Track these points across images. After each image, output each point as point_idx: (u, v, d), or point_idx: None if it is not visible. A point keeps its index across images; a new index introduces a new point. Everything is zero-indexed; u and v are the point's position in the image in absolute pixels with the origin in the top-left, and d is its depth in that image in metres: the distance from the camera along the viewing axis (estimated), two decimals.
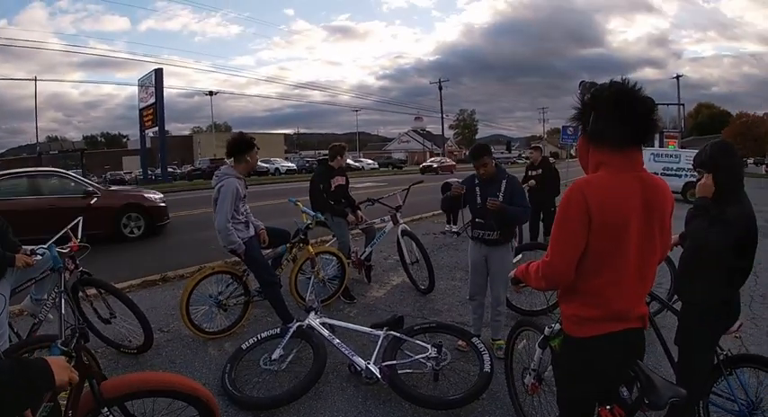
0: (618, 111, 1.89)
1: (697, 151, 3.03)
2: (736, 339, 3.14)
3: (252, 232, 4.77)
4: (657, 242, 2.01)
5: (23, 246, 3.82)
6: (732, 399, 2.96)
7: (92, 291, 4.46)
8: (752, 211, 2.83)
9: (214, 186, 4.56)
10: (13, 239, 3.79)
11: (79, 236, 4.20)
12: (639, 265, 1.97)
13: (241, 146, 4.62)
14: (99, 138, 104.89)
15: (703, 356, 2.94)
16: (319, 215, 5.50)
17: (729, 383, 2.96)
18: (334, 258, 5.80)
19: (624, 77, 1.94)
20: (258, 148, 4.73)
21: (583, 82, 2.03)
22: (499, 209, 4.12)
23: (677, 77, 54.09)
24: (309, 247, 5.28)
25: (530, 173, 9.08)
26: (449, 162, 47.52)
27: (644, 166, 2.01)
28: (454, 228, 9.80)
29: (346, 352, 3.80)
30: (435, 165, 43.91)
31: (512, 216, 4.21)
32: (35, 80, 52.32)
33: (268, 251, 5.20)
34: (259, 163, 4.64)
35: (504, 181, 4.25)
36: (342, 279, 5.76)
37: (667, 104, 41.28)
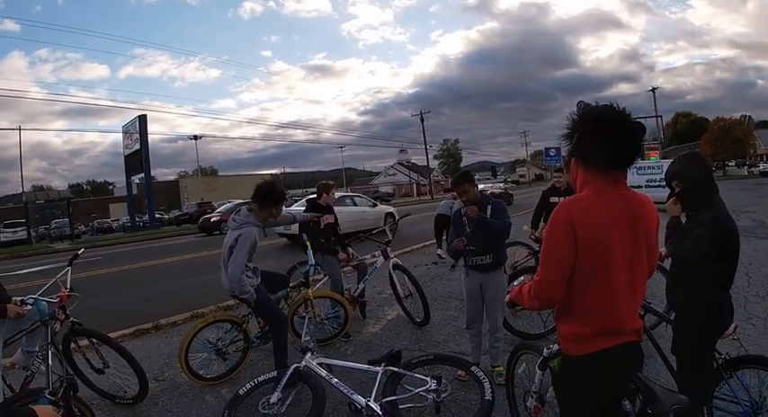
0: (599, 134, 1.95)
1: None
2: (734, 341, 3.15)
3: (258, 278, 4.66)
4: (644, 257, 2.04)
5: (13, 298, 3.78)
6: (735, 401, 2.97)
7: (83, 341, 4.40)
8: (726, 214, 2.93)
9: (231, 230, 4.48)
10: (2, 290, 3.76)
11: (68, 286, 4.16)
12: (629, 280, 2.00)
13: (273, 196, 4.55)
14: (85, 186, 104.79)
15: (702, 361, 2.96)
16: (315, 265, 5.45)
17: (731, 385, 2.98)
18: (334, 301, 5.74)
19: (615, 102, 1.99)
20: (286, 201, 4.61)
21: (580, 102, 2.10)
22: (477, 217, 4.18)
23: (653, 90, 55.54)
24: (309, 291, 5.23)
25: (552, 199, 7.42)
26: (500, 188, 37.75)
27: (627, 181, 2.06)
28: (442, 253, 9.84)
29: (345, 391, 3.75)
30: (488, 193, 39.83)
31: (490, 225, 4.23)
32: (19, 129, 52.23)
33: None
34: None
35: (490, 206, 4.31)
36: (344, 321, 5.68)
37: (645, 117, 41.96)
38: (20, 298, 3.80)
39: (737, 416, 2.98)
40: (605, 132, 1.94)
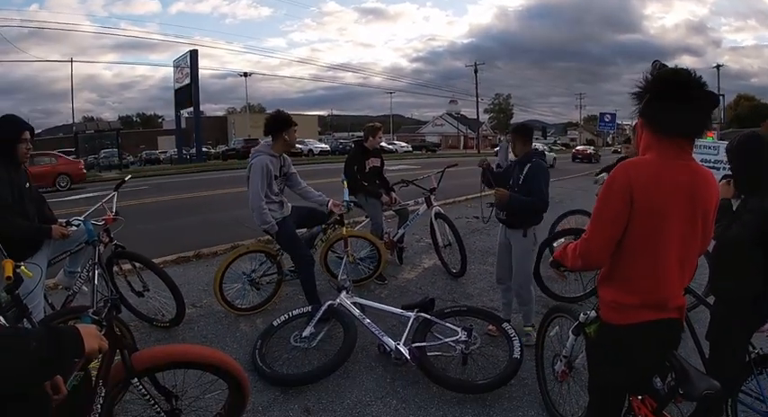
0: (673, 98, 1.84)
1: None
2: (767, 338, 3.04)
3: (287, 211, 4.71)
4: (699, 233, 1.96)
5: (59, 220, 3.88)
6: (761, 399, 2.88)
7: (126, 265, 4.52)
8: None
9: (248, 163, 4.57)
10: (48, 212, 3.85)
11: (114, 210, 4.25)
12: (680, 255, 1.93)
13: (278, 123, 4.55)
14: (134, 119, 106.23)
15: (735, 352, 2.86)
16: (348, 202, 5.39)
17: (759, 382, 2.88)
18: (369, 242, 5.76)
19: (691, 68, 1.88)
20: (296, 126, 4.67)
21: (656, 61, 1.98)
22: (503, 200, 4.11)
23: (717, 67, 52.91)
24: (344, 229, 5.26)
25: None
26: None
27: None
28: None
29: (376, 332, 3.80)
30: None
31: (518, 205, 4.12)
32: (71, 61, 53.52)
33: (303, 231, 5.20)
34: None
35: (528, 165, 4.15)
36: (378, 263, 5.70)
37: None
38: (65, 220, 3.88)
39: (761, 414, 2.89)
40: (679, 96, 1.83)
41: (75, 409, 2.01)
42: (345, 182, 5.65)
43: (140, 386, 2.37)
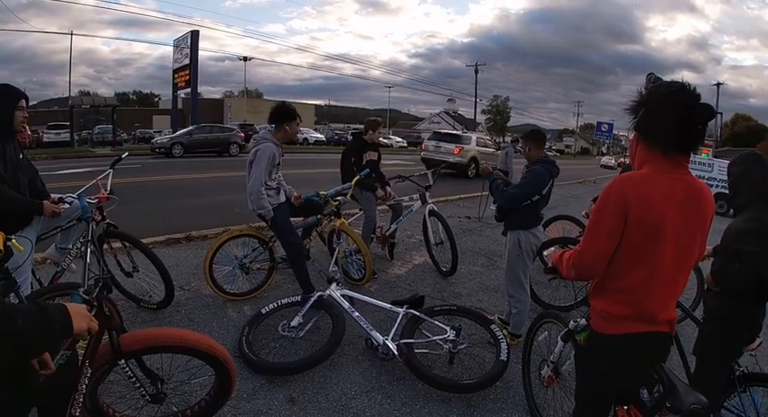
0: (668, 112, 1.84)
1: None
2: (751, 356, 3.07)
3: (282, 198, 4.75)
4: (695, 247, 1.97)
5: (52, 194, 3.84)
6: (743, 416, 2.91)
7: (116, 244, 4.49)
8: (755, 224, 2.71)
9: (251, 149, 4.57)
10: (41, 187, 3.81)
11: (108, 188, 4.21)
12: (674, 268, 1.94)
13: (283, 114, 4.63)
14: (131, 96, 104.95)
15: (720, 369, 2.89)
16: (330, 195, 5.44)
17: (742, 400, 2.90)
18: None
19: (687, 82, 1.87)
20: (300, 120, 4.76)
21: (651, 74, 1.98)
22: (486, 174, 4.40)
23: (717, 84, 53.20)
24: (340, 221, 5.24)
25: None
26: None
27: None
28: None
29: (364, 326, 3.79)
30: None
31: (492, 187, 4.30)
32: (71, 34, 52.78)
33: (299, 220, 5.20)
34: None
35: (529, 169, 4.18)
36: (364, 268, 5.52)
37: None
38: (59, 196, 3.83)
39: None
40: (675, 110, 1.82)
41: (59, 387, 1.99)
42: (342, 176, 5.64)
43: (127, 368, 2.35)
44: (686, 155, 1.93)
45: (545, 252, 5.25)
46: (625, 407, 2.09)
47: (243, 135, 27.45)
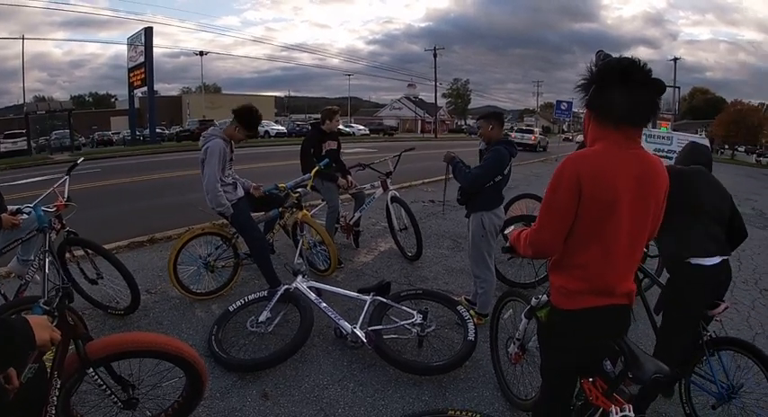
0: (618, 87, 1.85)
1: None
2: (716, 322, 3.17)
3: (240, 193, 4.70)
4: (649, 219, 2.00)
5: (9, 206, 3.77)
6: (712, 381, 3.00)
7: (79, 252, 4.43)
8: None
9: (201, 147, 4.50)
10: (0, 199, 3.74)
11: (66, 195, 4.15)
12: (630, 241, 1.97)
13: (247, 118, 4.53)
14: (87, 98, 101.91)
15: (684, 332, 2.99)
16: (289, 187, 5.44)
17: (711, 364, 2.99)
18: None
19: (636, 57, 1.88)
20: (256, 133, 4.79)
21: (600, 52, 2.00)
22: (448, 161, 4.47)
23: (674, 60, 54.16)
24: (302, 213, 5.22)
25: None
26: None
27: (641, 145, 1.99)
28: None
29: (332, 316, 3.83)
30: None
31: (455, 170, 4.39)
32: (23, 38, 50.92)
33: (260, 214, 5.18)
34: None
35: (490, 151, 4.25)
36: (329, 263, 5.53)
37: None
38: (16, 207, 3.76)
39: (712, 396, 3.01)
40: (625, 85, 1.84)
41: (31, 401, 1.98)
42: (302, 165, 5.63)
43: (96, 376, 2.35)
44: (638, 129, 1.96)
45: (506, 231, 5.33)
46: (590, 379, 2.11)
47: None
